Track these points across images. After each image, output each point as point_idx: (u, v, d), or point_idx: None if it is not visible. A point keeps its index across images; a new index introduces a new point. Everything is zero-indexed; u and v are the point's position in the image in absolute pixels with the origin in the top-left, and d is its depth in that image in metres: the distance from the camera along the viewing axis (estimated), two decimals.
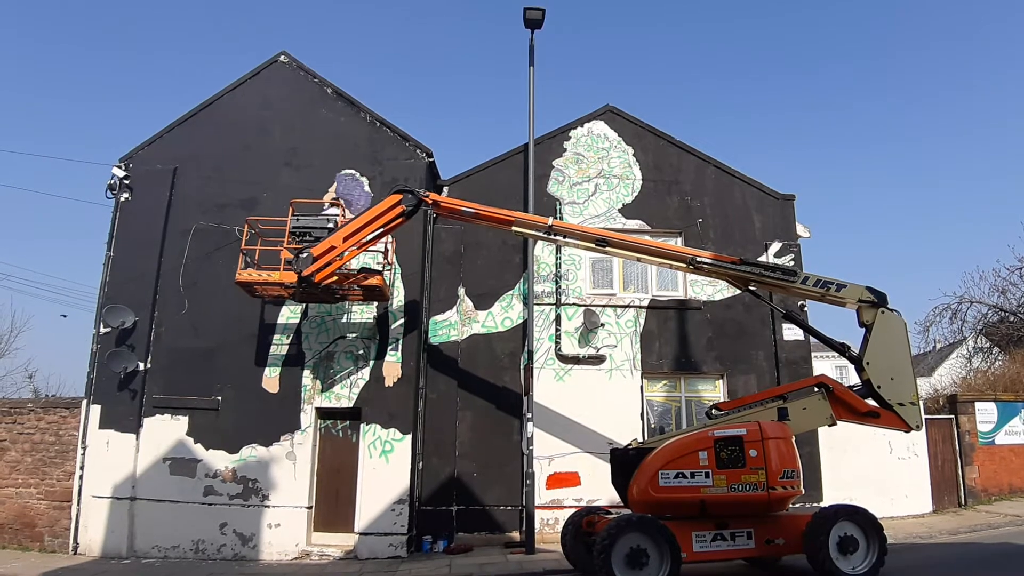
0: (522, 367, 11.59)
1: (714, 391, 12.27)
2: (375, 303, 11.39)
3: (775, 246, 12.86)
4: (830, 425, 8.46)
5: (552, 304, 12.26)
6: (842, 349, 8.63)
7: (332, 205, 11.38)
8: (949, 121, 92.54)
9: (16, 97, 69.31)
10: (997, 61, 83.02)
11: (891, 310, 8.31)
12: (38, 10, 72.57)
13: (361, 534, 10.49)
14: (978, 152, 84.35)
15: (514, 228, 9.67)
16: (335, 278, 10.01)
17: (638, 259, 9.71)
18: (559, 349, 12.05)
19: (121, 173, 12.02)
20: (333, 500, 10.99)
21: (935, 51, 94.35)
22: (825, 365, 26.22)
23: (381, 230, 9.77)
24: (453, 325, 12.09)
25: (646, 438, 10.89)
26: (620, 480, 8.32)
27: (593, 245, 9.44)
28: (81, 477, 10.79)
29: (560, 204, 12.80)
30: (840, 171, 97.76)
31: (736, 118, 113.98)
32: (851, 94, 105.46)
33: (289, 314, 11.47)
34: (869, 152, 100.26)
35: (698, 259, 9.01)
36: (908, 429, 8.20)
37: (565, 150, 13.17)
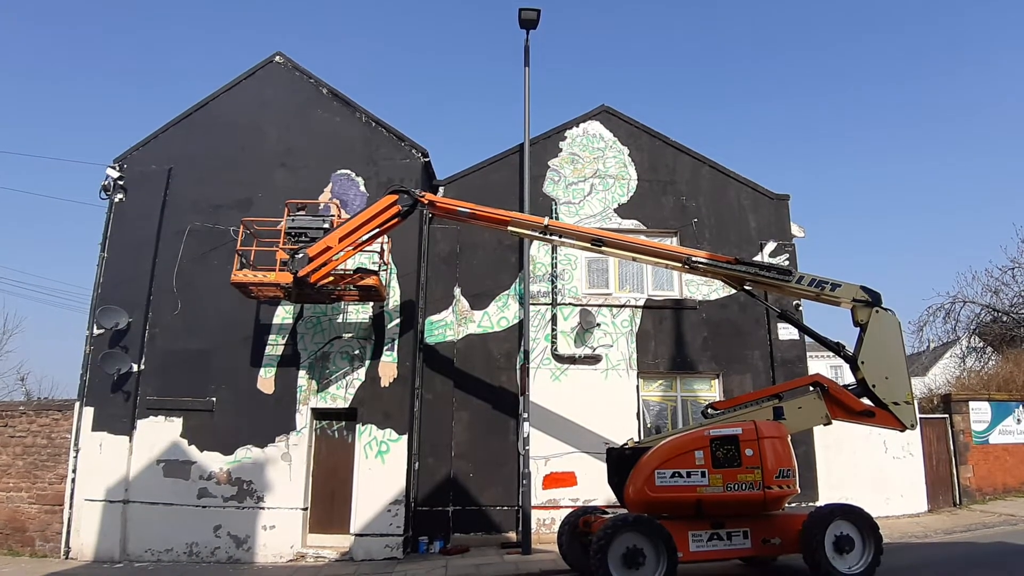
0: (518, 367, 11.58)
1: (710, 391, 12.28)
2: (371, 303, 11.36)
3: (770, 246, 12.89)
4: (825, 424, 8.49)
5: (548, 304, 12.25)
6: (837, 348, 8.65)
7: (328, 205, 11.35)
8: (944, 121, 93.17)
9: (11, 97, 68.96)
10: (996, 54, 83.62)
11: (885, 309, 8.35)
12: (34, 8, 72.23)
13: (357, 535, 10.45)
14: (972, 152, 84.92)
15: (510, 228, 9.66)
16: (331, 278, 9.98)
17: (634, 259, 9.70)
18: (555, 349, 12.04)
19: (115, 174, 11.95)
20: (329, 501, 10.93)
21: (929, 45, 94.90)
22: (820, 364, 26.27)
23: (377, 230, 9.74)
24: (449, 325, 12.07)
25: (642, 438, 10.89)
26: (616, 480, 8.32)
27: (589, 245, 9.44)
28: (73, 480, 10.70)
29: (556, 204, 12.81)
30: (836, 170, 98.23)
31: (734, 115, 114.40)
32: (847, 93, 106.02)
33: (284, 314, 11.42)
34: (864, 153, 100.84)
35: (694, 259, 9.02)
36: (903, 428, 8.24)
37: (561, 150, 13.18)
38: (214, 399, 11.01)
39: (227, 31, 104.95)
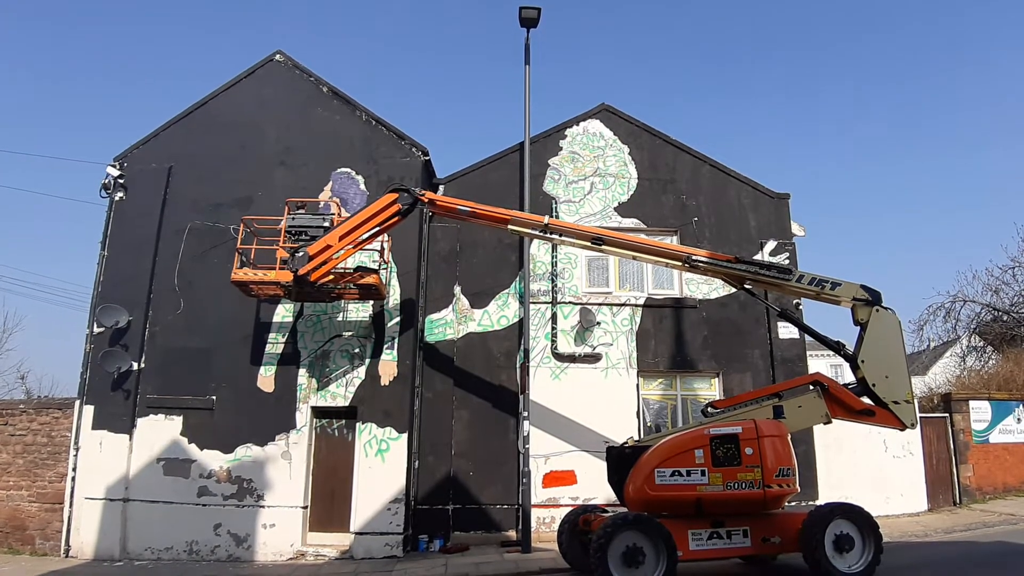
0: (518, 366, 11.58)
1: (710, 389, 12.28)
2: (371, 302, 11.36)
3: (770, 244, 12.89)
4: (825, 423, 8.48)
5: (548, 303, 12.25)
6: (837, 347, 8.65)
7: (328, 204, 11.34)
8: (944, 120, 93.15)
9: (11, 95, 68.92)
10: (996, 54, 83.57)
11: (886, 308, 8.35)
12: (34, 8, 72.18)
13: (357, 534, 10.45)
14: (972, 151, 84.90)
15: (510, 227, 9.66)
16: (331, 277, 9.98)
17: (634, 257, 9.71)
18: (555, 348, 12.04)
19: (116, 172, 11.96)
20: (329, 500, 10.94)
21: (926, 37, 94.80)
22: (820, 363, 26.25)
23: (377, 229, 9.74)
24: (449, 324, 12.06)
25: (642, 436, 10.89)
26: (616, 478, 8.32)
27: (589, 244, 9.44)
28: (73, 479, 10.71)
29: (556, 203, 12.80)
30: (836, 170, 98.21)
31: (735, 114, 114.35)
32: (847, 93, 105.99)
33: (284, 313, 11.42)
34: (864, 152, 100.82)
35: (694, 257, 9.02)
36: (903, 427, 8.24)
37: (561, 149, 13.17)
38: (214, 397, 11.01)
39: (227, 31, 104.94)
